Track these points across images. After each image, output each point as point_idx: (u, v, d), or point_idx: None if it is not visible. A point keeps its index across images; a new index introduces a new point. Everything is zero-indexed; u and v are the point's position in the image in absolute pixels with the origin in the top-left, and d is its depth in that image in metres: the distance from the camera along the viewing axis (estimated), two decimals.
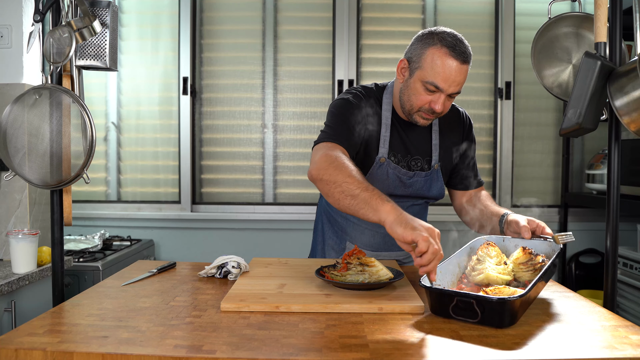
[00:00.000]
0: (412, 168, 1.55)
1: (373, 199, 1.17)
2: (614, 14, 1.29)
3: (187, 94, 2.87)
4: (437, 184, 1.58)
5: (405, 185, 1.54)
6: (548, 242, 1.26)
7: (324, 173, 1.27)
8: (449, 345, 0.90)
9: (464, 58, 1.40)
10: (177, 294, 1.22)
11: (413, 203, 1.59)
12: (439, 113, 1.43)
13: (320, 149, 1.38)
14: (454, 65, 1.38)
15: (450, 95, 1.41)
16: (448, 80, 1.38)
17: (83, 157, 1.30)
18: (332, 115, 1.49)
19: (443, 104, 1.41)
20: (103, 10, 1.35)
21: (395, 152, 1.52)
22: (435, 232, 1.09)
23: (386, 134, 1.51)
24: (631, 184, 2.33)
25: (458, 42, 1.40)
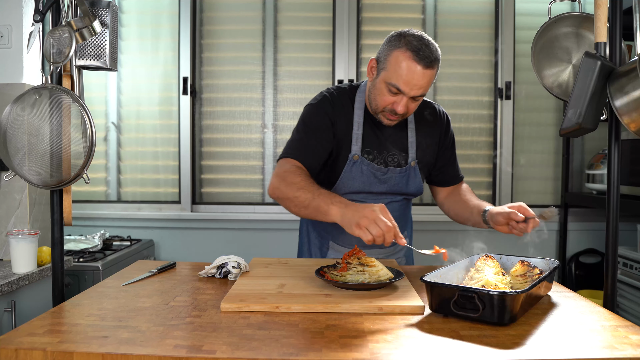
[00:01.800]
0: (389, 164, 1.57)
1: (321, 205, 1.29)
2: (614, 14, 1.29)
3: (187, 94, 2.87)
4: (414, 181, 1.60)
5: (380, 182, 1.56)
6: (545, 260, 1.27)
7: (278, 192, 1.40)
8: (449, 345, 0.90)
9: (428, 63, 1.38)
10: (177, 294, 1.22)
11: (391, 200, 1.60)
12: (401, 115, 1.45)
13: (278, 166, 1.49)
14: (416, 69, 1.38)
15: (414, 98, 1.42)
16: (410, 84, 1.39)
17: (83, 157, 1.29)
18: (297, 127, 1.56)
19: (405, 106, 1.43)
20: (103, 10, 1.35)
21: (370, 150, 1.55)
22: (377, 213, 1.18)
23: (358, 132, 1.53)
24: (631, 184, 2.33)
25: (424, 46, 1.39)
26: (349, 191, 1.55)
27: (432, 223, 2.84)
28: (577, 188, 2.92)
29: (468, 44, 2.91)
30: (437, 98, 2.91)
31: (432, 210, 2.89)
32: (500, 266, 1.26)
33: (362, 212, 1.19)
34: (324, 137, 1.52)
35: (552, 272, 1.20)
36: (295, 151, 1.50)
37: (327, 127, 1.52)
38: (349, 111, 1.55)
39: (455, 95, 2.91)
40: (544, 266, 1.25)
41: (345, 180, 1.54)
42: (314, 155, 1.50)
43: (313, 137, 1.51)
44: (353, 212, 1.21)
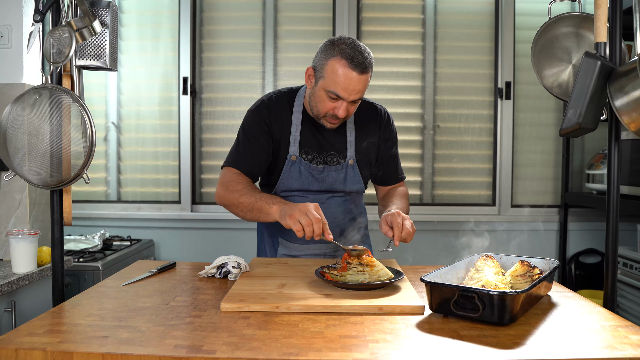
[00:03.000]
0: (328, 163, 1.63)
1: (263, 206, 1.42)
2: (614, 14, 1.29)
3: (187, 94, 2.87)
4: (353, 179, 1.65)
5: (318, 181, 1.62)
6: (545, 260, 1.27)
7: (223, 200, 1.54)
8: (449, 345, 0.90)
9: (362, 68, 1.44)
10: (177, 294, 1.22)
11: (332, 195, 1.65)
12: (342, 118, 1.52)
13: (220, 176, 1.60)
14: (352, 76, 1.44)
15: (353, 101, 1.49)
16: (348, 90, 1.45)
17: (83, 157, 1.30)
18: (237, 135, 1.64)
19: (346, 109, 1.50)
20: (103, 10, 1.35)
21: (309, 150, 1.61)
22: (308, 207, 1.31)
23: (296, 134, 1.60)
24: (631, 184, 2.33)
25: (357, 53, 1.45)
26: (288, 189, 1.62)
27: (429, 223, 2.84)
28: (577, 188, 2.92)
29: (468, 44, 2.91)
30: (437, 98, 2.91)
31: (431, 210, 2.89)
32: (500, 266, 1.26)
33: (296, 206, 1.33)
34: (262, 143, 1.59)
35: (552, 272, 1.20)
36: (235, 160, 1.60)
37: (264, 132, 1.60)
38: (287, 114, 1.62)
39: (455, 95, 2.91)
40: (544, 266, 1.25)
41: (284, 180, 1.61)
42: (254, 161, 1.59)
43: (251, 145, 1.59)
44: (289, 207, 1.35)
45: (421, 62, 2.90)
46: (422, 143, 2.91)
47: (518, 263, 1.23)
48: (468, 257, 1.30)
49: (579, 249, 2.91)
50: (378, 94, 2.88)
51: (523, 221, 2.88)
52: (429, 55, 2.90)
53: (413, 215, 2.92)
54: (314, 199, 1.61)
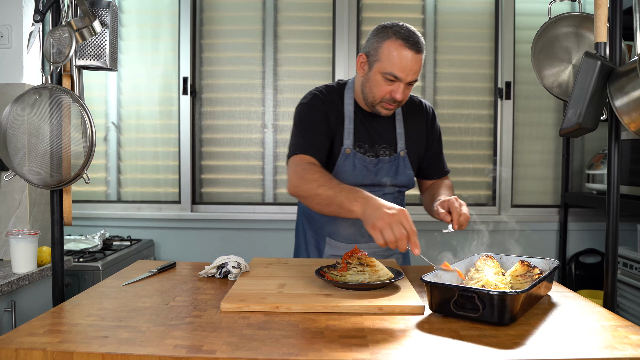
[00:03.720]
0: (380, 156, 1.62)
1: (344, 202, 1.29)
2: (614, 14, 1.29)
3: (187, 94, 2.87)
4: (404, 171, 1.64)
5: (372, 173, 1.60)
6: (545, 260, 1.27)
7: (298, 190, 1.42)
8: (449, 345, 0.90)
9: (418, 48, 1.46)
10: (177, 294, 1.22)
11: (384, 192, 1.63)
12: (399, 102, 1.51)
13: (291, 164, 1.50)
14: (409, 56, 1.45)
15: (409, 83, 1.49)
16: (405, 70, 1.46)
17: (83, 157, 1.29)
18: (295, 126, 1.59)
19: (403, 92, 1.49)
20: (103, 10, 1.35)
21: (361, 143, 1.60)
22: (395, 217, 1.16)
23: (349, 126, 1.58)
24: (631, 184, 2.33)
25: (411, 33, 1.47)
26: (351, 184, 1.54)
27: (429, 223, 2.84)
28: (577, 188, 2.92)
29: (468, 44, 2.91)
30: (437, 98, 2.91)
31: None
32: (500, 266, 1.26)
33: (380, 212, 1.18)
34: (323, 131, 1.56)
35: (552, 272, 1.20)
36: (303, 146, 1.52)
37: (322, 122, 1.57)
38: (339, 107, 1.60)
39: (455, 95, 2.91)
40: (544, 266, 1.25)
41: (338, 174, 1.58)
42: (320, 148, 1.54)
43: (314, 132, 1.55)
44: (373, 210, 1.20)
45: None
46: None
47: (518, 263, 1.24)
48: (468, 257, 1.30)
49: (579, 249, 2.91)
50: None
51: (523, 221, 2.88)
52: (429, 55, 2.90)
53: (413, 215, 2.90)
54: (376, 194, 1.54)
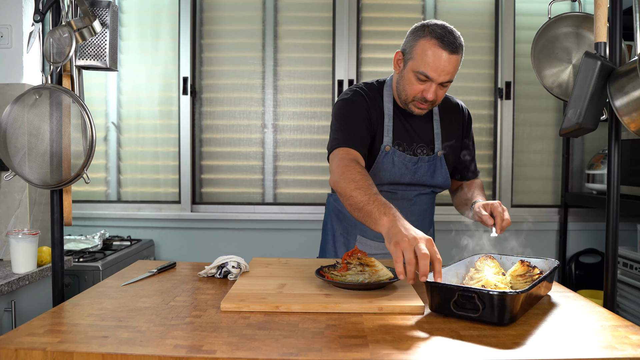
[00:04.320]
0: (417, 155, 1.62)
1: (373, 212, 1.22)
2: (614, 14, 1.29)
3: (187, 94, 2.87)
4: (441, 171, 1.64)
5: (410, 172, 1.60)
6: (545, 260, 1.27)
7: (337, 186, 1.38)
8: (449, 345, 0.90)
9: (453, 48, 1.44)
10: (177, 294, 1.22)
11: (420, 192, 1.64)
12: (431, 102, 1.50)
13: (334, 157, 1.47)
14: (443, 56, 1.43)
15: (442, 84, 1.47)
16: (437, 70, 1.44)
17: (83, 157, 1.29)
18: (337, 119, 1.56)
19: (435, 92, 1.48)
20: (103, 10, 1.35)
21: (400, 141, 1.60)
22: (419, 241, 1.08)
23: (389, 124, 1.58)
24: (631, 184, 2.33)
25: (447, 33, 1.44)
26: (379, 182, 1.57)
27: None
28: (577, 188, 2.92)
29: (468, 44, 2.87)
30: None
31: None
32: (500, 266, 1.26)
33: (406, 233, 1.11)
34: (365, 126, 1.54)
35: (552, 272, 1.20)
36: (347, 139, 1.49)
37: (365, 117, 1.55)
38: (379, 104, 1.60)
39: (456, 95, 2.88)
40: (544, 266, 1.25)
41: (377, 171, 1.58)
42: (363, 143, 1.52)
43: (357, 126, 1.53)
44: (399, 229, 1.13)
45: None
46: None
47: (518, 263, 1.24)
48: (468, 257, 1.30)
49: (579, 249, 2.91)
50: None
51: (523, 221, 2.88)
52: None
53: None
54: (402, 195, 1.61)
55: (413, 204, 1.63)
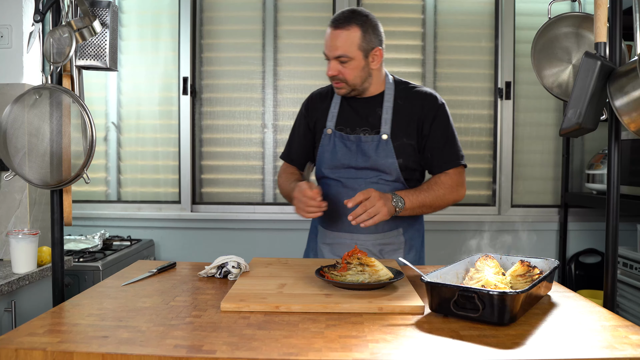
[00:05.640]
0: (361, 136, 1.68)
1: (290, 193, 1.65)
2: (614, 14, 1.29)
3: (187, 94, 2.87)
4: (384, 154, 1.62)
5: (352, 153, 1.65)
6: (545, 260, 1.27)
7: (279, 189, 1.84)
8: (449, 345, 0.90)
9: (337, 24, 1.56)
10: (177, 294, 1.22)
11: (365, 179, 1.65)
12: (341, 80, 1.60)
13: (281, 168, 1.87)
14: (328, 32, 1.59)
15: (341, 61, 1.57)
16: (327, 46, 1.59)
17: (83, 157, 1.29)
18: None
19: (333, 69, 1.59)
20: (103, 10, 1.35)
21: (343, 126, 1.69)
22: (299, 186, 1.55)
23: (334, 110, 1.71)
24: (631, 184, 2.33)
25: (342, 13, 1.59)
26: (332, 166, 1.68)
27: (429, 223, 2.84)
28: (577, 188, 2.92)
29: (468, 44, 2.91)
30: None
31: None
32: (500, 266, 1.26)
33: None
34: (302, 130, 1.79)
35: (552, 272, 1.20)
36: (286, 153, 1.86)
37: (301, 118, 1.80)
38: (329, 96, 1.75)
39: (455, 95, 2.91)
40: (544, 266, 1.25)
41: (322, 154, 1.70)
42: (298, 150, 1.81)
43: (295, 134, 1.82)
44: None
45: (421, 62, 2.90)
46: None
47: (518, 263, 1.23)
48: (468, 257, 1.30)
49: (579, 249, 2.91)
50: None
51: (523, 221, 2.88)
52: (429, 55, 2.89)
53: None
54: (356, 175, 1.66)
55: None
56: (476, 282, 1.15)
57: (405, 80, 1.74)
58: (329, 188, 1.68)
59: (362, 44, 1.56)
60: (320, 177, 1.73)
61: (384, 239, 1.65)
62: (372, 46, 1.58)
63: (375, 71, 1.64)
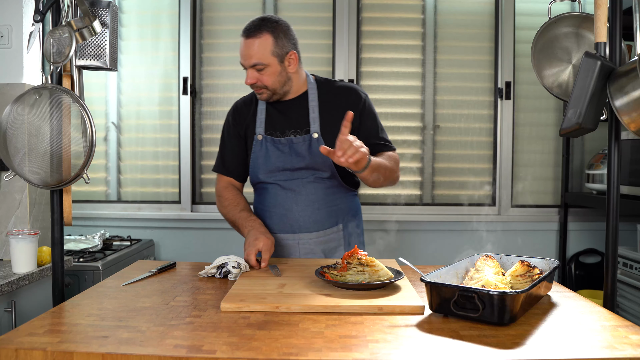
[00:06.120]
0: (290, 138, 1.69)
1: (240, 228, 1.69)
2: (614, 14, 1.29)
3: (187, 94, 2.87)
4: (318, 152, 1.63)
5: (286, 155, 1.66)
6: (545, 260, 1.27)
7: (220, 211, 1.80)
8: (449, 345, 0.90)
9: (248, 33, 1.59)
10: (177, 294, 1.22)
11: (301, 178, 1.66)
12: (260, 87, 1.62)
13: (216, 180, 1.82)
14: (241, 42, 1.61)
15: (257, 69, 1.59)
16: (242, 56, 1.62)
17: (83, 157, 1.30)
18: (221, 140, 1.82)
19: (251, 77, 1.61)
20: (103, 10, 1.35)
21: (272, 131, 1.69)
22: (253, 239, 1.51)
23: (261, 116, 1.71)
24: (631, 184, 2.33)
25: (252, 22, 1.62)
26: (267, 171, 1.68)
27: (429, 223, 2.84)
28: (577, 188, 2.92)
29: (468, 44, 2.91)
30: (437, 98, 2.91)
31: (431, 210, 2.89)
32: (500, 266, 1.26)
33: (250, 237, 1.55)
34: (233, 140, 1.76)
35: (552, 272, 1.20)
36: (219, 165, 1.80)
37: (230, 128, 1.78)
38: (254, 104, 1.75)
39: (455, 95, 2.91)
40: (544, 266, 1.26)
41: (255, 161, 1.70)
42: (232, 160, 1.77)
43: (226, 144, 1.78)
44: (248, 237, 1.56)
45: (421, 62, 2.90)
46: (422, 143, 2.91)
47: (518, 263, 1.24)
48: (468, 257, 1.30)
49: (579, 249, 2.91)
50: (378, 94, 2.88)
51: (523, 221, 2.88)
52: (429, 55, 2.89)
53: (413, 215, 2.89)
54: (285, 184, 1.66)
55: (297, 194, 1.66)
56: (476, 282, 1.15)
57: (327, 78, 1.79)
58: (267, 192, 1.71)
59: (276, 50, 1.59)
60: (257, 182, 1.74)
61: (325, 236, 1.68)
62: (286, 51, 1.62)
63: (294, 74, 1.66)
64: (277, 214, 1.69)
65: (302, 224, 1.66)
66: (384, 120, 2.89)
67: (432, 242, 2.85)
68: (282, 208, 1.67)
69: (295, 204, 1.66)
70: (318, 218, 1.67)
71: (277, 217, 1.69)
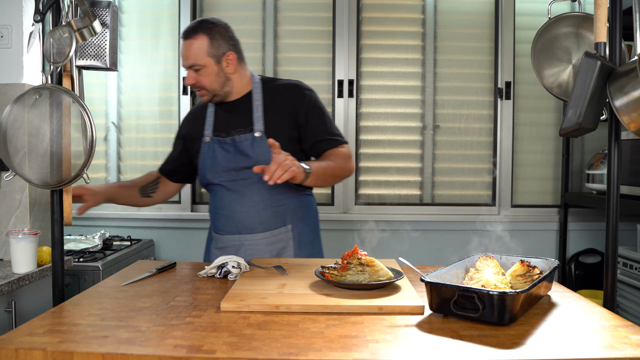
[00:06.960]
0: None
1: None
2: (614, 14, 1.29)
3: (187, 94, 2.87)
4: (261, 150, 1.65)
5: (232, 155, 1.68)
6: (545, 260, 1.27)
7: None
8: (449, 345, 0.90)
9: (187, 35, 1.63)
10: (177, 294, 1.22)
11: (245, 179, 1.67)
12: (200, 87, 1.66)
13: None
14: (182, 44, 1.65)
15: (195, 70, 1.63)
16: (183, 57, 1.66)
17: (83, 157, 1.29)
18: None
19: (191, 78, 1.65)
20: (103, 10, 1.35)
21: (219, 132, 1.73)
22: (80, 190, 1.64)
23: (210, 119, 1.76)
24: (631, 184, 2.33)
25: (192, 23, 1.65)
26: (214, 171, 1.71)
27: (429, 223, 2.84)
28: (577, 188, 2.92)
29: (468, 44, 2.91)
30: (437, 98, 2.91)
31: (430, 210, 2.89)
32: (500, 266, 1.26)
33: None
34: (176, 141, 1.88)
35: (552, 272, 1.20)
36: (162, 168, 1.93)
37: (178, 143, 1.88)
38: (203, 109, 1.80)
39: (455, 95, 2.91)
40: (544, 266, 1.26)
41: (203, 161, 1.74)
42: (170, 162, 1.90)
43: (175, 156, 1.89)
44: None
45: (421, 62, 2.90)
46: (422, 143, 2.91)
47: (518, 263, 1.24)
48: (468, 257, 1.30)
49: (579, 249, 2.91)
50: (378, 94, 2.88)
51: (523, 221, 2.88)
52: (429, 55, 2.90)
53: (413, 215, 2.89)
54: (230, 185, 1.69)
55: (241, 196, 1.67)
56: (476, 282, 1.15)
57: (272, 77, 1.83)
58: (214, 194, 1.74)
59: (211, 51, 1.62)
60: (206, 184, 1.77)
61: (272, 236, 1.68)
62: (223, 52, 1.64)
63: (233, 75, 1.68)
64: (223, 216, 1.72)
65: (248, 225, 1.67)
66: (384, 121, 2.90)
67: (432, 242, 2.85)
68: (227, 209, 1.69)
69: (240, 205, 1.67)
70: (264, 219, 1.67)
71: (224, 218, 1.72)
